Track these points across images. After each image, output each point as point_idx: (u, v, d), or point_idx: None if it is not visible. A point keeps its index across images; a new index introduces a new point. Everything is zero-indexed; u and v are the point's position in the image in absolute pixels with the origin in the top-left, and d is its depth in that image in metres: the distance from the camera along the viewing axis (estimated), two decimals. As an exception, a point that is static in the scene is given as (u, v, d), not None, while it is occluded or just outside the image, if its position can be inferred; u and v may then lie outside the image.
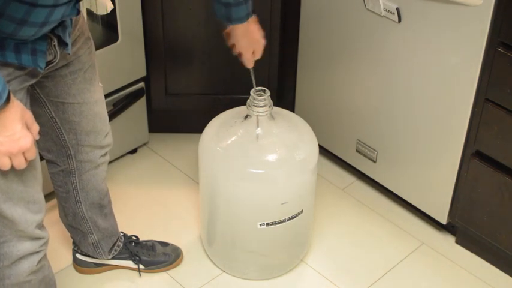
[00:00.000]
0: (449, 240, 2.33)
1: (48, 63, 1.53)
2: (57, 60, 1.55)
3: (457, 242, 2.32)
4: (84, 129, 1.78)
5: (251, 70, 1.94)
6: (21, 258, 1.62)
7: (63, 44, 1.53)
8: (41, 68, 1.47)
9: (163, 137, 2.71)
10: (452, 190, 2.19)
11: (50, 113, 1.73)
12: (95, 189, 1.94)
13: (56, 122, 1.75)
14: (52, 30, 1.48)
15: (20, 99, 1.48)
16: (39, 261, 1.66)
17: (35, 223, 1.59)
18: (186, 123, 2.70)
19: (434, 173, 2.21)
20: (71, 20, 1.54)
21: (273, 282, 2.17)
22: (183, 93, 2.56)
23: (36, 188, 1.57)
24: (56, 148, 1.83)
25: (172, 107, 2.59)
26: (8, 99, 1.33)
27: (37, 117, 1.72)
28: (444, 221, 2.27)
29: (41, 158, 2.18)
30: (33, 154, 1.43)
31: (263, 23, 2.39)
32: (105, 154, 1.90)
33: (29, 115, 1.41)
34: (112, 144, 1.91)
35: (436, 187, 2.22)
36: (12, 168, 1.47)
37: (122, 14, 2.28)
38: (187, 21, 2.40)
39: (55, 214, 2.32)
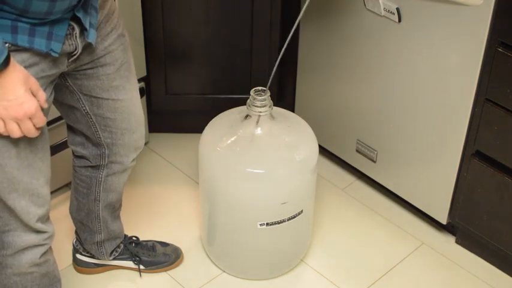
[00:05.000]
0: (449, 240, 2.33)
1: (70, 55, 1.52)
2: (78, 52, 1.53)
3: (457, 242, 2.32)
4: (119, 127, 1.78)
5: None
6: (25, 249, 1.62)
7: (84, 35, 1.51)
8: (55, 53, 1.44)
9: (163, 137, 2.71)
10: (452, 190, 2.19)
11: (84, 108, 1.72)
12: (116, 191, 1.95)
13: (91, 118, 1.74)
14: (74, 16, 1.46)
15: None
16: (43, 255, 1.66)
17: (37, 216, 1.59)
18: (186, 123, 2.70)
19: (434, 173, 2.21)
20: (96, 11, 1.52)
21: (273, 282, 2.17)
22: (183, 93, 2.56)
23: (41, 182, 1.57)
24: (92, 145, 1.83)
25: (172, 107, 2.59)
26: (7, 62, 1.32)
27: (73, 112, 1.74)
28: (444, 221, 2.27)
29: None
30: (41, 120, 1.42)
31: (263, 23, 2.40)
32: (135, 159, 1.90)
33: (33, 81, 1.40)
34: (142, 148, 1.90)
35: (436, 187, 2.22)
36: (21, 158, 1.48)
37: (122, 14, 2.27)
38: (187, 21, 2.40)
39: (58, 212, 2.32)
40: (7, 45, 1.37)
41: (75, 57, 1.54)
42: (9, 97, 1.35)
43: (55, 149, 2.20)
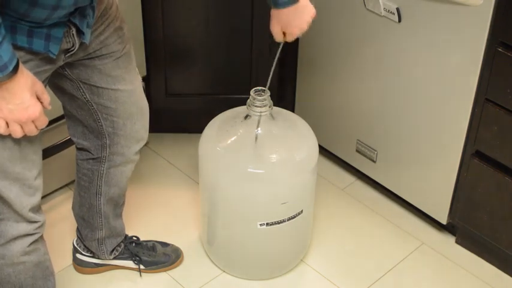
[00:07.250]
0: (449, 240, 2.33)
1: (66, 51, 1.55)
2: (75, 49, 1.56)
3: (457, 242, 2.32)
4: (120, 116, 1.79)
5: (280, 45, 1.89)
6: (16, 238, 1.64)
7: (81, 33, 1.54)
8: (53, 54, 1.48)
9: (163, 137, 2.71)
10: (452, 190, 2.19)
11: (85, 96, 1.73)
12: (117, 185, 1.95)
13: (93, 106, 1.76)
14: (70, 19, 1.49)
15: None
16: (32, 243, 1.67)
17: (29, 206, 1.60)
18: (186, 123, 2.70)
19: (434, 173, 2.21)
20: (93, 10, 1.55)
21: (273, 282, 2.17)
22: (183, 93, 2.56)
23: (34, 173, 1.59)
24: (93, 135, 1.84)
25: (172, 107, 2.59)
26: (16, 69, 1.36)
27: (75, 100, 1.76)
28: (444, 221, 2.27)
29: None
30: (43, 123, 1.47)
31: (263, 23, 2.40)
32: (137, 152, 1.91)
33: (39, 85, 1.44)
34: (146, 141, 1.91)
35: (436, 187, 2.22)
36: (15, 150, 1.51)
37: (122, 14, 2.27)
38: (187, 21, 2.40)
39: (58, 213, 2.33)
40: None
41: (72, 52, 1.57)
42: (15, 101, 1.40)
43: (55, 149, 2.20)
